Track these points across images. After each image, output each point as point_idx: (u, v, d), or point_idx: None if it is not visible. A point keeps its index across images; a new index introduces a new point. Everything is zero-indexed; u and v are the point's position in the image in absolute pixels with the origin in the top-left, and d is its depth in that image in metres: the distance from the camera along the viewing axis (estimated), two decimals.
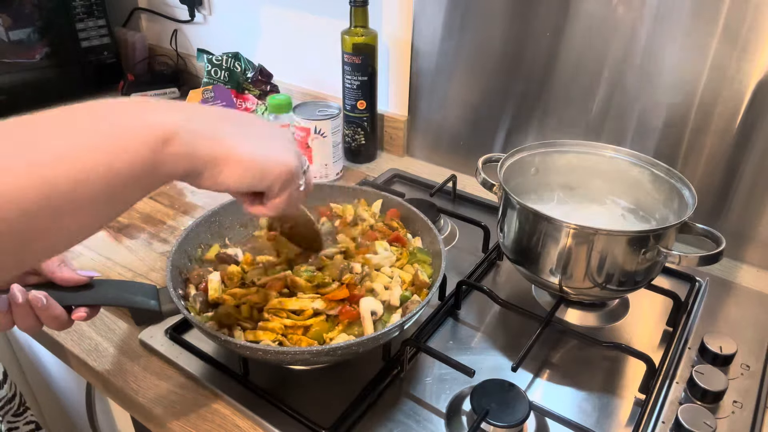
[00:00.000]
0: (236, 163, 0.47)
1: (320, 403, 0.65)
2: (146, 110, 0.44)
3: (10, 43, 1.30)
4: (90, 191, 0.40)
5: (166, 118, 0.43)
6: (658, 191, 0.80)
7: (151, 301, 0.62)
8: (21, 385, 1.15)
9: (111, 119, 0.42)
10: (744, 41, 0.79)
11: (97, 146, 0.40)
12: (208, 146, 0.45)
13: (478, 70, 1.04)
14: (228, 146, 0.47)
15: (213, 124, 0.47)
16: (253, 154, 0.48)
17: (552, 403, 0.66)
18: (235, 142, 0.47)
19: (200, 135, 0.45)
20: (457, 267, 0.88)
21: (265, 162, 0.49)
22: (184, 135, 0.44)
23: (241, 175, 0.47)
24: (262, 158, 0.49)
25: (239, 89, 1.23)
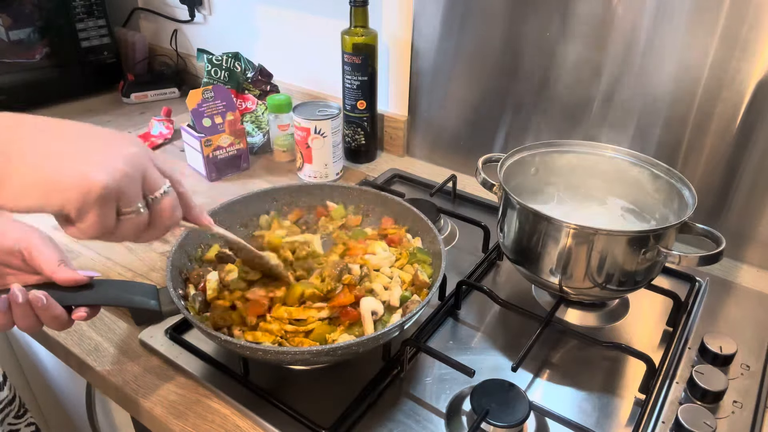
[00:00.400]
0: (17, 181, 0.39)
1: (320, 403, 0.65)
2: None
3: (10, 43, 1.30)
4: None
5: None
6: (658, 191, 0.80)
7: (151, 301, 0.62)
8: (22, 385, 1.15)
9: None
10: (744, 41, 0.79)
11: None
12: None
13: (478, 70, 1.04)
14: (13, 161, 0.39)
15: (8, 135, 0.40)
16: (39, 168, 0.39)
17: (552, 403, 0.66)
18: (23, 155, 0.39)
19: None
20: (457, 267, 0.88)
21: (52, 179, 0.40)
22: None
23: (19, 194, 0.39)
24: (50, 174, 0.39)
25: (239, 89, 1.23)
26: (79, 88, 1.46)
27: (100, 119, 1.37)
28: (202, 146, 1.06)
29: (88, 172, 0.40)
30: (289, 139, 1.15)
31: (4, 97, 1.33)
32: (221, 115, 1.07)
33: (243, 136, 1.11)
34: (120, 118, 1.38)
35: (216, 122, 1.06)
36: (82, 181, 0.40)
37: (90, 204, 0.41)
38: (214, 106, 1.06)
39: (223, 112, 1.07)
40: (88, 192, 0.41)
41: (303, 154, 1.07)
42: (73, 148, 0.41)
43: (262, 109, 1.23)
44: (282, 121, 1.13)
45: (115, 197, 0.43)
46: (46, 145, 0.41)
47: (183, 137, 1.12)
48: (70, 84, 1.44)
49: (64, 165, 0.40)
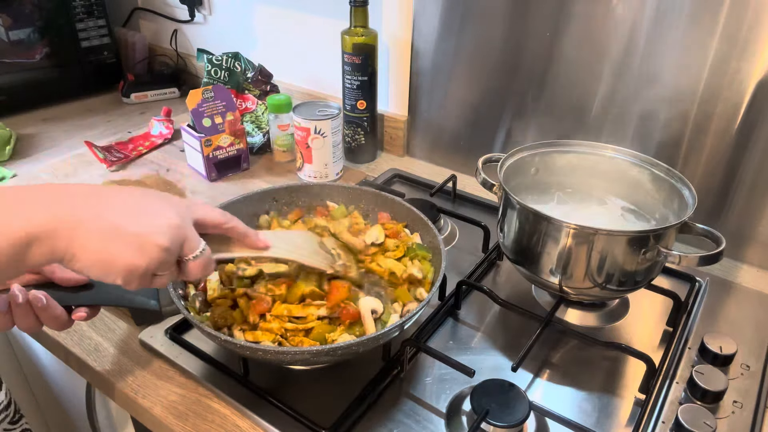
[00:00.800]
0: (84, 257, 0.48)
1: (320, 403, 0.65)
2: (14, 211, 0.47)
3: (10, 43, 1.30)
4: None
5: (31, 218, 0.46)
6: (658, 191, 0.80)
7: (151, 301, 0.62)
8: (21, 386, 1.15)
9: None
10: (744, 41, 0.78)
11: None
12: (65, 244, 0.47)
13: (478, 70, 1.04)
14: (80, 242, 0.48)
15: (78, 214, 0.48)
16: (99, 252, 0.48)
17: (552, 403, 0.66)
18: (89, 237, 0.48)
19: (61, 232, 0.47)
20: (457, 267, 0.88)
21: (108, 263, 0.49)
22: (47, 237, 0.46)
23: (88, 268, 0.49)
24: (106, 259, 0.49)
25: (239, 89, 1.23)
26: (79, 88, 1.46)
27: (100, 119, 1.37)
28: (202, 146, 1.06)
29: (133, 259, 0.49)
30: (289, 139, 1.15)
31: (4, 97, 1.34)
32: (221, 115, 1.07)
33: (243, 136, 1.11)
34: (120, 118, 1.38)
35: (216, 122, 1.06)
36: (129, 267, 0.49)
37: (133, 279, 0.50)
38: (214, 106, 1.06)
39: (223, 112, 1.07)
40: (132, 273, 0.50)
41: (303, 154, 1.07)
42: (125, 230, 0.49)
43: (262, 109, 1.23)
44: (282, 121, 1.13)
45: (154, 270, 0.51)
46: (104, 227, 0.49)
47: (183, 137, 1.12)
48: (70, 84, 1.44)
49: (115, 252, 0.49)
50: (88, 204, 0.49)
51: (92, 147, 1.17)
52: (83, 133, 1.29)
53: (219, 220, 0.58)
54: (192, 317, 0.61)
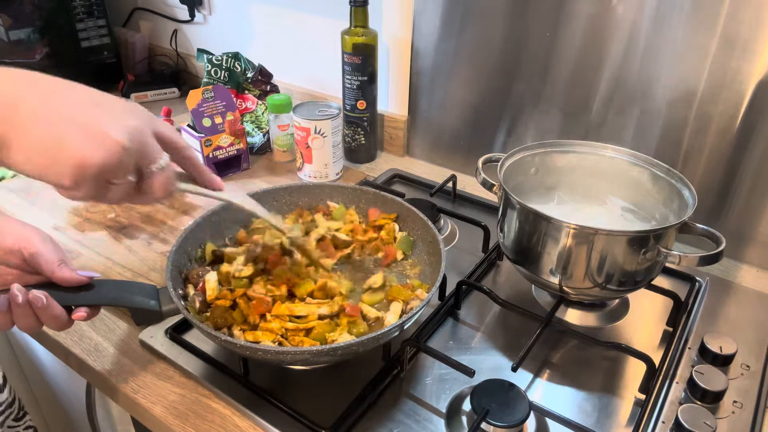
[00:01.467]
0: (25, 144, 0.41)
1: (320, 403, 0.65)
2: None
3: (10, 43, 1.30)
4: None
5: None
6: (658, 191, 0.80)
7: (151, 301, 0.63)
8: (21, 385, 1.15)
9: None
10: (744, 41, 0.78)
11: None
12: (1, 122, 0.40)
13: (478, 70, 1.04)
14: (23, 123, 0.40)
15: (21, 92, 0.41)
16: (43, 139, 0.40)
17: (552, 403, 0.66)
18: (34, 119, 0.41)
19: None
20: (457, 267, 0.88)
21: (53, 153, 0.41)
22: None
23: (24, 160, 0.41)
24: (52, 147, 0.41)
25: (239, 89, 1.23)
26: None
27: None
28: (202, 146, 1.06)
29: (86, 151, 0.42)
30: (289, 139, 1.15)
31: None
32: (221, 115, 1.07)
33: (243, 136, 1.11)
34: None
35: (216, 122, 1.06)
36: (80, 160, 0.41)
37: (84, 179, 0.43)
38: (214, 106, 1.06)
39: (223, 112, 1.07)
40: (84, 169, 0.42)
41: (303, 154, 1.07)
42: (78, 118, 0.42)
43: (262, 109, 1.23)
44: (282, 121, 1.13)
45: (109, 172, 0.44)
46: (54, 111, 0.41)
47: (183, 137, 1.11)
48: None
49: (66, 139, 0.41)
50: (35, 85, 0.42)
51: None
52: None
53: (179, 141, 0.52)
54: (192, 317, 0.61)
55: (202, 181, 0.58)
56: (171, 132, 0.52)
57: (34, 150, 0.41)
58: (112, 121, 0.44)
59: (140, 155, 0.46)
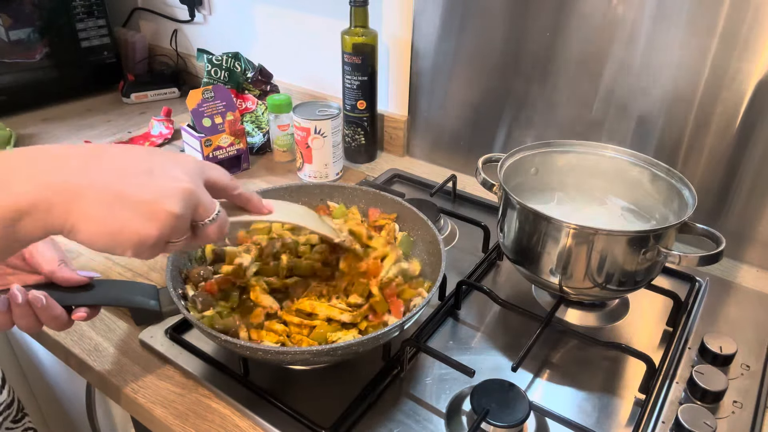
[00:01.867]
0: (87, 229, 0.44)
1: (320, 403, 0.65)
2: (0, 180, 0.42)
3: (10, 43, 1.30)
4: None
5: (18, 191, 0.42)
6: (658, 191, 0.80)
7: (151, 301, 0.63)
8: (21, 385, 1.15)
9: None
10: (744, 41, 0.79)
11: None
12: (61, 216, 0.43)
13: (478, 70, 1.04)
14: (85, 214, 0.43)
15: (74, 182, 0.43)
16: (103, 222, 0.44)
17: (552, 403, 0.66)
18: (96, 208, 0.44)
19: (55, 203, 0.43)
20: (457, 267, 0.88)
21: (114, 235, 0.45)
22: (38, 210, 0.42)
23: (92, 240, 0.45)
24: (112, 230, 0.44)
25: (239, 89, 1.23)
26: (79, 88, 1.46)
27: (100, 119, 1.37)
28: (202, 146, 1.06)
29: (143, 230, 0.45)
30: (289, 139, 1.15)
31: (5, 98, 1.34)
32: (221, 115, 1.07)
33: (243, 136, 1.11)
34: (120, 118, 1.38)
35: (216, 122, 1.06)
36: (138, 239, 0.45)
37: (144, 250, 0.47)
38: (214, 106, 1.06)
39: (223, 112, 1.07)
40: (143, 244, 0.46)
41: (303, 154, 1.07)
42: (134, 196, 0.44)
43: (262, 109, 1.23)
44: (282, 121, 1.13)
45: (166, 239, 0.47)
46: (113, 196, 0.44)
47: (183, 137, 1.12)
48: (70, 84, 1.44)
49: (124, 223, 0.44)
50: (86, 169, 0.44)
51: None
52: (83, 133, 1.29)
53: (229, 183, 0.55)
54: (192, 317, 0.61)
55: (254, 210, 0.60)
56: (221, 176, 0.54)
57: (98, 235, 0.44)
58: (164, 192, 0.46)
59: (194, 214, 0.49)
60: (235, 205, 0.58)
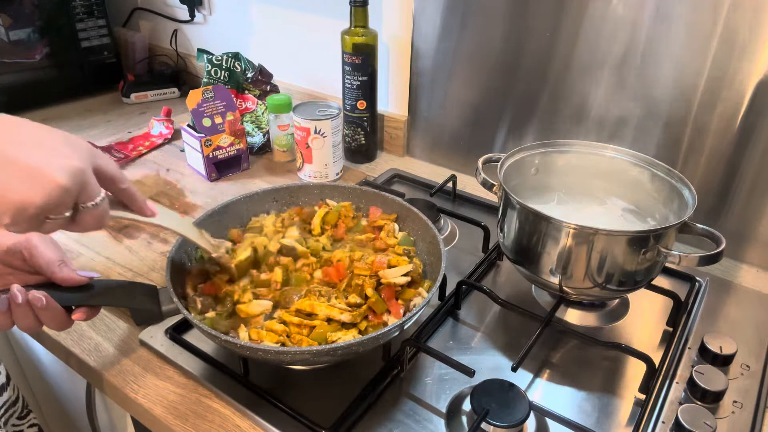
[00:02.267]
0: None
1: (320, 403, 0.65)
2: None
3: (10, 43, 1.30)
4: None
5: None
6: (658, 191, 0.80)
7: (151, 301, 0.62)
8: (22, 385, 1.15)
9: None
10: (744, 41, 0.78)
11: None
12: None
13: (478, 70, 1.04)
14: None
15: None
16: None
17: (552, 403, 0.66)
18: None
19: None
20: (457, 267, 0.88)
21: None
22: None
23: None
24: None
25: (239, 89, 1.23)
26: (79, 88, 1.46)
27: (100, 119, 1.37)
28: (202, 146, 1.06)
29: (27, 193, 0.44)
30: (289, 139, 1.15)
31: (5, 98, 1.34)
32: (221, 115, 1.07)
33: (243, 136, 1.11)
34: (120, 118, 1.38)
35: (216, 122, 1.06)
36: (21, 202, 0.44)
37: (23, 218, 0.45)
38: (214, 106, 1.06)
39: (223, 112, 1.07)
40: (24, 210, 0.44)
41: (303, 154, 1.07)
42: (21, 160, 0.44)
43: (262, 109, 1.23)
44: (282, 121, 1.13)
45: (47, 211, 0.46)
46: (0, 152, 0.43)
47: (183, 137, 1.12)
48: (70, 84, 1.44)
49: (7, 182, 0.43)
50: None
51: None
52: (83, 133, 1.29)
53: (117, 175, 0.53)
54: (192, 317, 0.61)
55: (136, 209, 0.58)
56: (111, 167, 0.53)
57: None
58: (54, 161, 0.45)
59: (79, 194, 0.48)
60: (119, 201, 0.58)
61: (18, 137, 0.45)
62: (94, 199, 0.50)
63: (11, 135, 0.45)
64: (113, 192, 0.56)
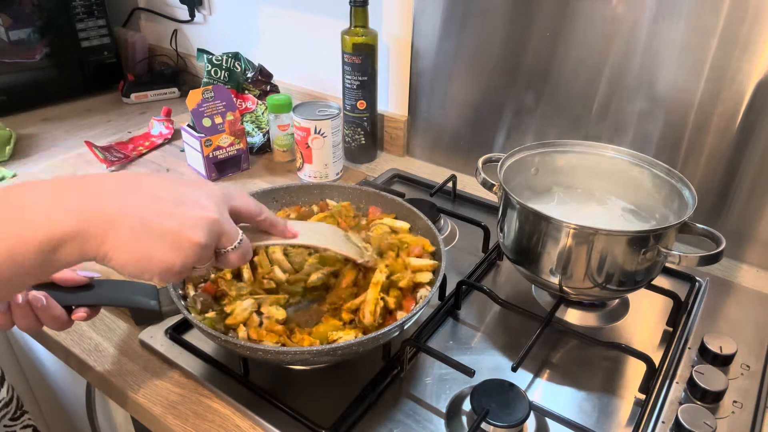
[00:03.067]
0: (119, 257, 0.47)
1: (320, 403, 0.65)
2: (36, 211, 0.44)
3: (10, 43, 1.30)
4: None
5: (57, 220, 0.44)
6: (658, 191, 0.80)
7: (151, 301, 0.62)
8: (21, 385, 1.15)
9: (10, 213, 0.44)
10: (744, 41, 0.79)
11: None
12: (96, 245, 0.46)
13: (479, 70, 1.04)
14: (119, 243, 0.46)
15: (111, 213, 0.46)
16: (133, 252, 0.47)
17: (552, 403, 0.66)
18: (129, 240, 0.46)
19: (93, 232, 0.45)
20: (457, 267, 0.88)
21: (142, 265, 0.47)
22: (76, 239, 0.45)
23: (123, 267, 0.47)
24: (140, 261, 0.47)
25: (239, 89, 1.23)
26: (79, 88, 1.46)
27: (100, 119, 1.37)
28: (202, 146, 1.06)
29: (170, 259, 0.47)
30: (289, 139, 1.15)
31: (5, 98, 1.34)
32: (221, 115, 1.07)
33: (243, 136, 1.11)
34: (120, 118, 1.38)
35: (216, 122, 1.06)
36: (165, 268, 0.48)
37: (170, 276, 0.49)
38: (214, 106, 1.06)
39: (223, 112, 1.07)
40: (169, 272, 0.48)
41: (303, 154, 1.07)
42: (163, 227, 0.47)
43: (262, 109, 1.23)
44: (282, 121, 1.13)
45: (191, 266, 0.49)
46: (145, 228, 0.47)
47: (183, 137, 1.12)
48: (70, 84, 1.44)
49: (153, 254, 0.47)
50: (119, 199, 0.47)
51: (92, 147, 1.17)
52: (83, 133, 1.29)
53: (254, 210, 0.56)
54: (192, 317, 0.61)
55: (278, 233, 0.61)
56: (246, 204, 0.56)
57: (128, 261, 0.47)
58: (190, 222, 0.48)
59: (218, 243, 0.51)
60: (260, 230, 0.59)
61: (158, 199, 0.48)
62: (233, 243, 0.52)
63: (152, 197, 0.48)
64: (253, 225, 0.58)
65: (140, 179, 0.50)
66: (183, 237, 0.47)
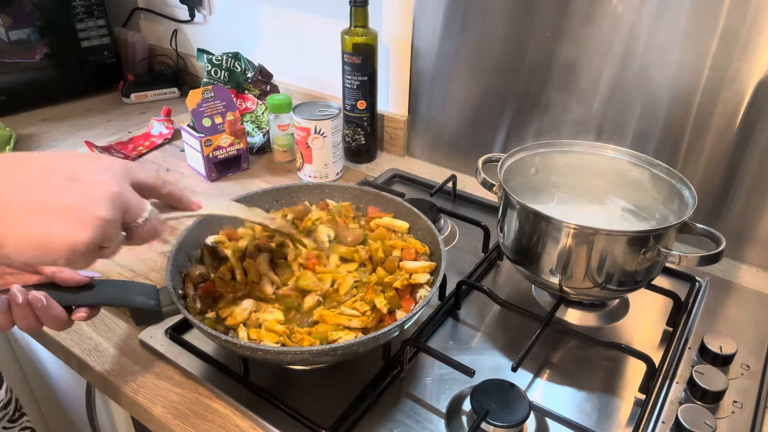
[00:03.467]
0: (12, 242, 0.43)
1: (320, 403, 0.65)
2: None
3: (10, 43, 1.30)
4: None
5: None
6: (658, 191, 0.80)
7: (151, 301, 0.63)
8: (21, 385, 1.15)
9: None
10: (744, 41, 0.79)
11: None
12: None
13: (479, 70, 1.04)
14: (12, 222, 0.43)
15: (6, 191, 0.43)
16: (28, 232, 0.43)
17: (552, 403, 0.66)
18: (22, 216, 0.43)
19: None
20: (457, 267, 0.88)
21: (42, 243, 0.44)
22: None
23: (20, 252, 0.44)
24: (39, 238, 0.44)
25: (239, 89, 1.23)
26: (79, 88, 1.46)
27: (100, 119, 1.37)
28: (202, 146, 1.06)
29: (73, 235, 0.44)
30: (289, 139, 1.15)
31: (4, 98, 1.34)
32: (221, 115, 1.07)
33: (243, 136, 1.11)
34: (120, 118, 1.38)
35: (216, 122, 1.06)
36: (70, 245, 0.44)
37: (76, 257, 0.45)
38: (214, 106, 1.06)
39: (223, 112, 1.07)
40: (75, 250, 0.45)
41: (303, 154, 1.07)
42: (60, 203, 0.44)
43: (262, 109, 1.23)
44: (282, 121, 1.13)
45: (98, 245, 0.46)
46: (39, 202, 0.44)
47: (183, 137, 1.12)
48: (70, 84, 1.44)
49: (53, 230, 0.43)
50: (9, 178, 0.44)
51: (92, 147, 1.17)
52: (83, 133, 1.29)
53: (156, 183, 0.54)
54: (192, 317, 0.61)
55: (184, 208, 0.59)
56: (148, 176, 0.53)
57: (26, 244, 0.43)
58: (91, 195, 0.45)
59: (125, 217, 0.48)
60: (166, 204, 0.58)
61: (50, 176, 0.45)
62: (141, 215, 0.50)
63: (42, 175, 0.45)
64: (158, 198, 0.56)
65: (28, 157, 0.46)
66: (84, 212, 0.44)
